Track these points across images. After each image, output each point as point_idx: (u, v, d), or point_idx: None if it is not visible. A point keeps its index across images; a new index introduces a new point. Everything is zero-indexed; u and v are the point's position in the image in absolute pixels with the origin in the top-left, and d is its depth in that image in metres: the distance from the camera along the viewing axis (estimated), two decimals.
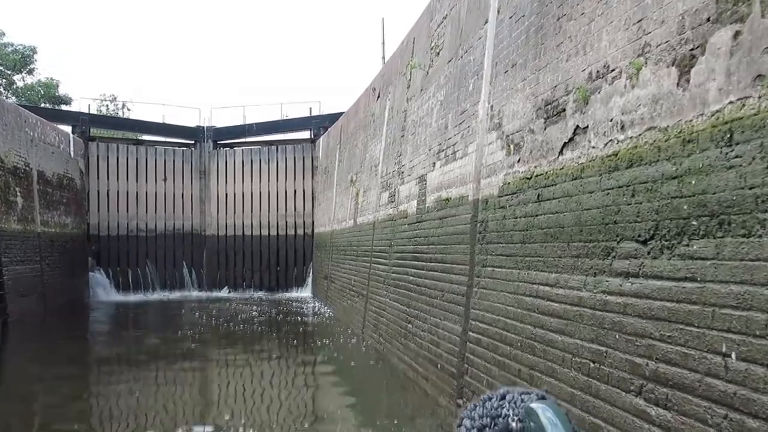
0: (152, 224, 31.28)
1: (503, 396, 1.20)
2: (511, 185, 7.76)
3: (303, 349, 16.43)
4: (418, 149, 12.77)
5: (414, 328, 11.66)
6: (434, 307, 10.56)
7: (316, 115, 32.01)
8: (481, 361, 8.17)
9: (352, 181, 21.02)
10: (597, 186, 5.73)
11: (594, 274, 5.64)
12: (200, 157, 32.15)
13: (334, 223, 24.33)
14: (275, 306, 25.55)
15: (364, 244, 17.80)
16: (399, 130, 14.83)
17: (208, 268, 31.80)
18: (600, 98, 5.79)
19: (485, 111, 9.01)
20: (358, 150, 20.67)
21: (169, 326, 20.40)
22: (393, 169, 15.07)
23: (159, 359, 14.78)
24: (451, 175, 10.34)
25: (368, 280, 16.68)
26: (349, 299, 19.28)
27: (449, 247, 10.05)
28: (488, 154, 8.67)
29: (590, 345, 5.57)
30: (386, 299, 14.28)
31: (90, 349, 17.05)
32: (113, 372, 13.75)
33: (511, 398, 1.19)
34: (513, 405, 1.17)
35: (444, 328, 9.90)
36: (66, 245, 26.47)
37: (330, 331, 18.54)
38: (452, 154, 10.41)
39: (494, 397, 1.20)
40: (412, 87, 14.01)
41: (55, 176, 25.85)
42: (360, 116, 21.05)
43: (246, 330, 19.34)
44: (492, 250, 8.17)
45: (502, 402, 1.18)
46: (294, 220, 31.35)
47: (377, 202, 16.64)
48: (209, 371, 13.72)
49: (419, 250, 11.89)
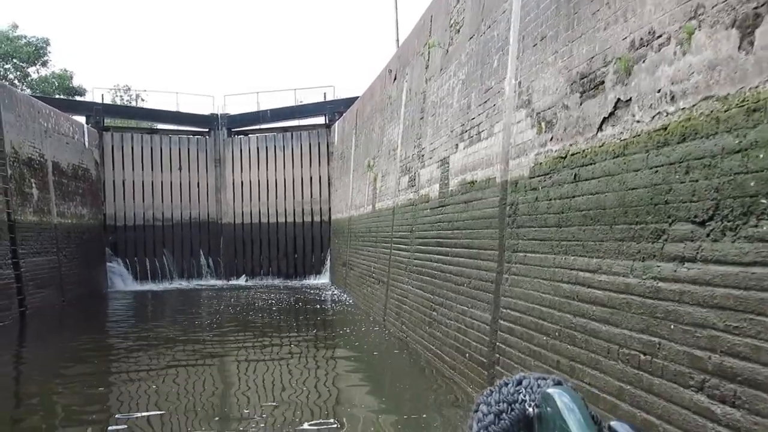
0: (168, 213, 31.12)
1: (520, 381, 1.18)
2: (543, 165, 7.32)
3: (324, 338, 16.10)
4: (439, 131, 12.33)
5: (439, 316, 11.27)
6: (461, 294, 10.15)
7: (330, 100, 31.56)
8: (514, 351, 7.77)
9: (370, 166, 20.61)
10: (643, 163, 5.28)
11: (642, 259, 5.21)
12: (215, 145, 31.90)
13: (352, 209, 23.94)
14: (293, 293, 25.27)
15: (384, 230, 17.41)
16: (418, 112, 14.38)
17: (226, 256, 31.59)
18: (645, 68, 5.33)
19: (512, 88, 8.55)
20: (375, 134, 20.24)
21: (188, 315, 20.15)
22: (413, 152, 14.64)
23: (178, 350, 14.50)
24: (476, 156, 9.91)
25: (389, 267, 16.30)
26: (369, 286, 18.91)
27: (476, 232, 9.63)
28: (517, 133, 8.23)
29: (640, 335, 5.14)
30: (408, 286, 13.89)
31: (108, 339, 16.80)
32: (131, 363, 13.47)
33: (527, 384, 1.16)
34: (530, 390, 1.15)
35: (472, 316, 9.50)
36: (83, 236, 26.29)
37: (351, 318, 18.20)
38: (476, 134, 9.96)
39: (510, 382, 1.18)
40: (431, 67, 13.54)
41: (70, 167, 25.61)
42: (376, 99, 20.60)
43: (265, 318, 19.04)
44: (524, 235, 7.74)
45: (518, 387, 1.16)
46: (311, 206, 31.03)
47: (396, 186, 16.23)
48: (229, 361, 13.41)
49: (443, 235, 11.48)
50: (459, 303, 10.20)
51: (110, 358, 14.25)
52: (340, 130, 28.51)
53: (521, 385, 1.17)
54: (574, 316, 6.26)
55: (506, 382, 1.19)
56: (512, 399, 1.15)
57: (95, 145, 29.20)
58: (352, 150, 24.94)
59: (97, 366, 13.07)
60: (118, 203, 30.31)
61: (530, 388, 1.16)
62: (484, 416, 1.15)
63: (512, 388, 1.17)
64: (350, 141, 25.47)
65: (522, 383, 1.17)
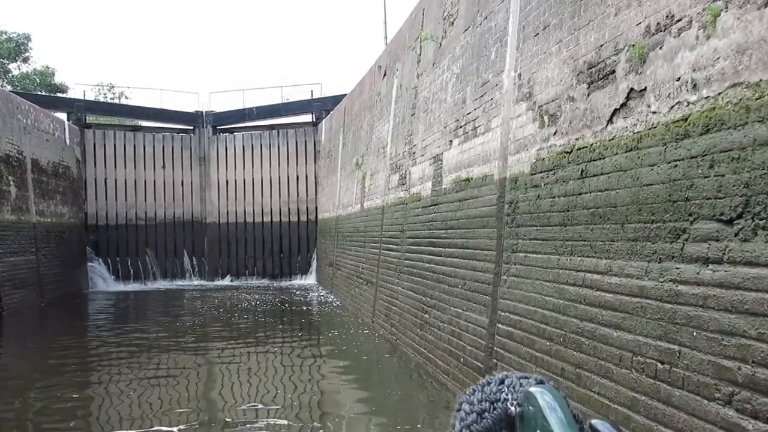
0: (151, 212, 30.58)
1: (502, 380, 1.18)
2: (546, 161, 6.94)
3: (312, 342, 15.66)
4: (432, 127, 11.94)
5: (432, 319, 10.87)
6: (455, 297, 9.76)
7: (317, 98, 31.14)
8: (513, 356, 7.38)
9: (358, 165, 20.20)
10: (660, 157, 4.91)
11: (659, 260, 4.83)
12: (199, 142, 31.42)
13: (339, 208, 23.53)
14: (279, 294, 24.81)
15: (373, 230, 17.01)
16: (409, 108, 13.99)
17: (210, 256, 31.12)
18: (662, 54, 4.96)
19: (511, 80, 8.18)
20: (364, 132, 19.84)
21: (171, 317, 19.65)
22: (403, 149, 14.25)
23: (159, 353, 14.02)
24: (472, 153, 9.52)
25: (378, 267, 15.90)
26: (357, 287, 18.50)
27: (471, 231, 9.25)
28: (516, 128, 7.85)
29: (657, 342, 4.77)
30: (399, 287, 13.49)
31: (87, 343, 16.29)
32: (111, 366, 13.01)
33: (510, 382, 1.17)
34: (512, 389, 1.16)
35: (467, 319, 9.11)
36: (63, 235, 25.74)
37: (338, 321, 17.78)
38: (472, 130, 9.58)
39: (493, 381, 1.19)
40: (423, 61, 13.16)
41: (50, 164, 25.04)
42: (365, 96, 20.20)
43: (250, 321, 18.58)
44: (524, 234, 7.36)
45: (501, 386, 1.17)
46: (297, 206, 30.61)
47: (386, 185, 15.83)
48: (212, 367, 12.96)
49: (436, 235, 11.09)
50: (453, 305, 9.81)
51: (89, 363, 13.76)
52: (328, 128, 28.08)
53: (503, 384, 1.17)
54: (581, 321, 5.88)
55: (489, 381, 1.20)
56: (494, 398, 1.15)
57: (76, 143, 28.61)
58: (339, 148, 24.52)
59: (75, 373, 12.57)
60: (99, 202, 29.74)
61: (512, 386, 1.16)
62: (467, 415, 1.16)
63: (494, 386, 1.18)
64: (338, 139, 25.04)
65: (504, 382, 1.18)
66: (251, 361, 13.07)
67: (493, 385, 1.19)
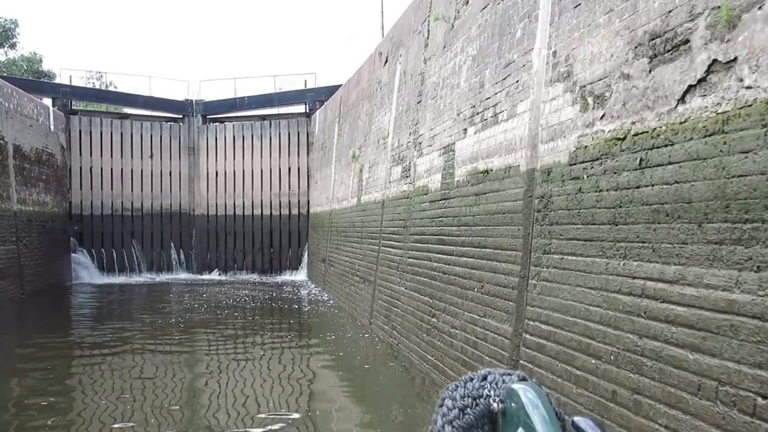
0: (138, 203, 29.67)
1: (485, 377, 1.19)
2: (590, 149, 6.01)
3: (304, 344, 14.68)
4: (442, 115, 11.00)
5: (441, 324, 9.94)
6: (470, 300, 8.83)
7: (311, 88, 30.19)
8: (546, 372, 6.46)
9: (355, 157, 19.24)
10: (757, 142, 3.99)
11: (756, 269, 3.92)
12: (189, 132, 30.50)
13: (334, 202, 22.56)
14: (269, 290, 23.84)
15: (371, 225, 16.06)
16: (415, 95, 13.05)
17: (198, 249, 30.21)
18: (762, 16, 4.04)
19: (542, 59, 7.24)
20: (362, 122, 18.88)
21: (155, 313, 18.62)
22: (407, 140, 13.30)
23: (140, 353, 13.04)
24: (492, 142, 8.59)
25: (376, 265, 14.96)
26: (353, 285, 17.56)
27: (491, 229, 8.32)
28: (550, 113, 6.91)
29: (756, 372, 3.85)
30: (401, 287, 12.56)
31: (68, 338, 15.26)
32: (92, 364, 12.06)
33: (492, 379, 1.18)
34: (494, 386, 1.16)
35: (485, 326, 8.18)
36: (45, 225, 24.69)
37: (333, 321, 16.83)
38: (492, 117, 8.64)
39: (476, 377, 1.20)
40: (432, 45, 12.21)
41: (33, 151, 23.95)
42: (363, 85, 19.23)
43: (239, 319, 17.60)
44: (560, 233, 6.44)
45: (483, 383, 1.18)
46: (288, 199, 29.69)
47: (387, 178, 14.88)
48: (198, 371, 11.99)
49: (446, 232, 10.16)
50: (467, 310, 8.87)
51: (69, 360, 12.80)
52: (322, 119, 27.10)
53: (486, 381, 1.19)
54: (640, 338, 4.96)
55: (471, 377, 1.21)
56: (477, 394, 1.16)
57: (61, 129, 27.54)
58: (334, 140, 23.55)
59: (54, 370, 11.60)
60: (84, 191, 28.75)
61: (495, 383, 1.17)
62: (449, 411, 1.16)
63: (477, 383, 1.19)
64: (333, 130, 24.07)
65: (487, 378, 1.19)
66: (240, 366, 12.10)
67: (476, 381, 1.19)
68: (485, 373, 1.20)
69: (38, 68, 44.99)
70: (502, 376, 1.18)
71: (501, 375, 1.18)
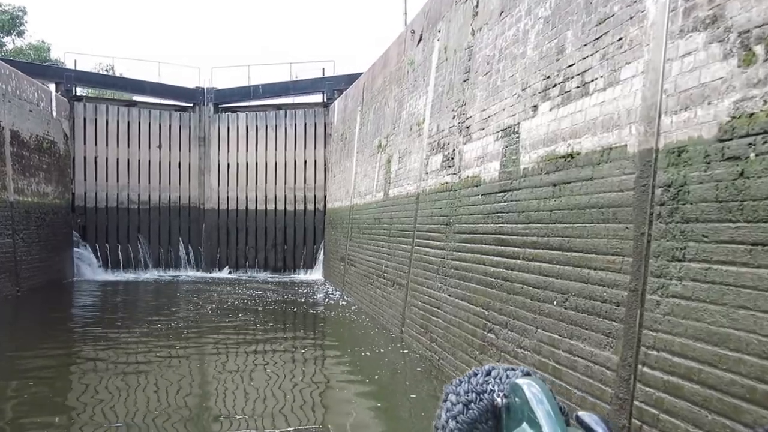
0: (145, 196, 28.24)
1: (489, 372, 1.28)
2: (758, 118, 4.30)
3: (325, 356, 12.98)
4: (500, 92, 9.29)
5: (502, 341, 8.23)
6: (546, 316, 7.12)
7: (329, 76, 28.58)
8: (680, 422, 4.74)
9: (381, 147, 17.55)
10: None
11: None
12: (199, 121, 29.09)
13: (355, 196, 20.87)
14: (284, 291, 22.19)
15: (402, 221, 14.37)
16: (460, 73, 11.34)
17: (207, 245, 28.76)
18: None
19: (664, 6, 5.52)
20: (389, 109, 17.18)
21: (161, 315, 16.96)
22: (450, 124, 11.60)
23: (144, 362, 11.41)
24: (578, 118, 6.87)
25: (409, 267, 13.27)
26: (378, 288, 15.87)
27: (579, 227, 6.61)
28: (682, 73, 5.19)
29: None
30: (443, 294, 10.86)
31: (63, 342, 13.63)
32: (90, 376, 10.47)
33: (496, 374, 1.26)
34: (498, 381, 1.24)
35: (572, 350, 6.48)
36: (45, 217, 23.15)
37: (356, 328, 15.12)
38: (579, 87, 6.93)
39: (480, 372, 1.28)
40: (483, 13, 10.49)
41: (32, 138, 22.39)
42: (391, 68, 17.53)
43: (252, 324, 15.92)
44: (703, 234, 4.72)
45: (487, 378, 1.26)
46: (304, 193, 28.13)
47: (422, 168, 13.18)
48: (206, 385, 10.36)
49: (507, 230, 8.45)
50: (542, 327, 7.17)
51: (65, 367, 11.21)
52: (341, 108, 25.41)
53: (490, 376, 1.28)
54: None
55: (475, 372, 1.30)
56: (481, 389, 1.27)
57: (65, 116, 25.98)
58: (356, 129, 21.85)
59: (50, 381, 10.01)
60: (89, 182, 27.28)
61: (499, 378, 1.25)
62: (453, 406, 1.26)
63: (481, 378, 1.28)
64: (354, 120, 22.38)
65: (491, 373, 1.28)
66: (254, 382, 10.42)
67: (480, 376, 1.29)
68: (489, 368, 1.26)
69: (46, 57, 43.71)
70: (506, 371, 1.23)
71: (505, 370, 1.23)
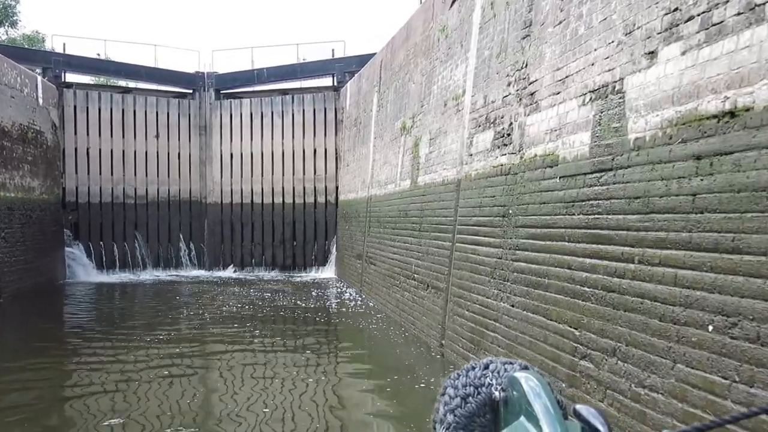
0: (142, 190, 26.29)
1: (486, 365, 1.18)
2: None
3: (350, 373, 10.83)
4: (584, 42, 7.11)
5: (607, 375, 6.06)
6: (691, 345, 4.95)
7: (340, 58, 26.50)
8: None
9: (405, 129, 15.40)
10: None
11: None
12: (200, 109, 27.18)
13: (373, 186, 18.72)
14: (295, 292, 20.10)
15: (437, 214, 12.22)
16: (516, 29, 9.16)
17: (210, 243, 26.82)
18: None
19: None
20: (415, 85, 15.02)
21: (160, 323, 14.90)
22: (504, 93, 9.43)
23: (138, 384, 9.30)
24: (741, 58, 4.69)
25: (449, 268, 11.12)
26: (407, 291, 13.74)
27: (757, 218, 4.44)
28: None
29: None
30: (501, 303, 8.71)
31: (49, 357, 11.60)
32: (75, 388, 8.35)
33: (494, 368, 1.17)
34: (496, 374, 1.16)
35: (753, 400, 4.31)
36: (31, 214, 21.08)
37: (384, 338, 12.97)
38: (741, 14, 4.76)
39: (477, 366, 1.19)
40: None
41: (15, 127, 20.24)
42: (416, 39, 15.36)
43: (260, 334, 13.81)
44: None
45: (485, 371, 1.17)
46: (313, 185, 26.15)
47: (463, 150, 11.02)
48: (209, 408, 8.25)
49: (606, 223, 6.27)
50: (687, 363, 5.00)
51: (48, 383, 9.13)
52: (354, 91, 23.24)
53: (488, 369, 1.17)
54: None
55: (473, 366, 1.18)
56: (479, 383, 1.14)
57: (53, 104, 23.87)
58: (372, 113, 19.68)
59: (30, 410, 7.93)
60: (80, 175, 25.34)
61: (497, 372, 1.16)
62: (451, 399, 1.14)
63: (479, 371, 1.16)
64: (370, 102, 20.21)
65: (489, 367, 1.17)
66: (265, 406, 8.28)
67: (478, 369, 1.17)
68: (487, 362, 1.17)
69: (41, 48, 41.71)
70: (504, 364, 1.15)
71: (503, 364, 1.15)
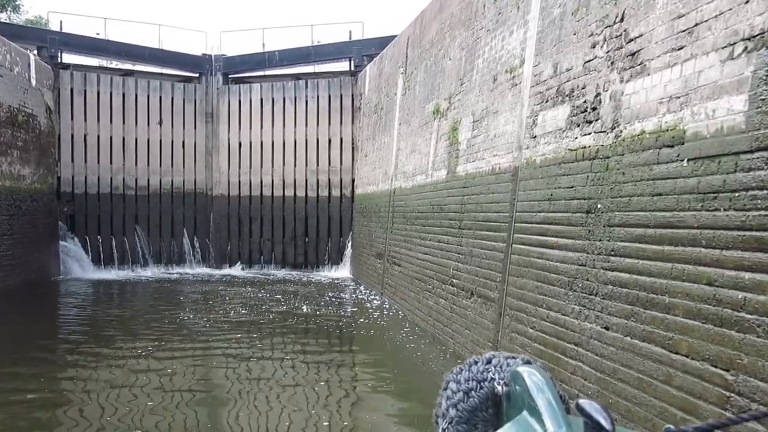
0: (143, 180, 24.75)
1: (489, 360, 1.18)
2: None
3: (376, 399, 8.95)
4: None
5: None
6: None
7: (357, 40, 24.73)
8: None
9: (439, 112, 13.49)
10: None
11: None
12: (206, 94, 25.68)
13: (398, 178, 16.83)
14: (309, 294, 18.27)
15: (485, 208, 10.32)
16: None
17: (216, 238, 25.29)
18: None
19: None
20: (452, 62, 13.11)
21: (161, 330, 13.12)
22: (586, 57, 7.51)
23: (136, 406, 7.45)
24: None
25: (504, 274, 9.21)
26: (442, 298, 11.86)
27: None
28: None
29: None
30: (586, 323, 6.80)
31: (40, 363, 9.96)
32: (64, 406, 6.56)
33: (497, 362, 1.17)
34: (499, 369, 1.16)
35: None
36: (21, 205, 19.38)
37: (419, 355, 11.08)
38: None
39: (480, 360, 1.19)
40: None
41: (4, 109, 18.45)
42: (452, 9, 13.45)
43: (265, 344, 11.94)
44: None
45: (488, 366, 1.17)
46: (328, 177, 24.54)
47: (523, 131, 9.11)
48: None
49: None
50: None
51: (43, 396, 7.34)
52: (374, 74, 21.35)
53: (491, 364, 1.18)
54: None
55: (476, 360, 1.20)
56: (481, 377, 1.15)
57: (47, 86, 22.08)
58: (397, 97, 17.78)
59: None
60: (77, 164, 23.75)
61: (499, 366, 1.17)
62: (453, 394, 1.15)
63: (482, 366, 1.17)
64: (393, 85, 18.31)
65: (491, 362, 1.18)
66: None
67: (480, 364, 1.18)
68: (489, 357, 1.16)
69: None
70: (507, 359, 1.14)
71: (505, 358, 1.15)
